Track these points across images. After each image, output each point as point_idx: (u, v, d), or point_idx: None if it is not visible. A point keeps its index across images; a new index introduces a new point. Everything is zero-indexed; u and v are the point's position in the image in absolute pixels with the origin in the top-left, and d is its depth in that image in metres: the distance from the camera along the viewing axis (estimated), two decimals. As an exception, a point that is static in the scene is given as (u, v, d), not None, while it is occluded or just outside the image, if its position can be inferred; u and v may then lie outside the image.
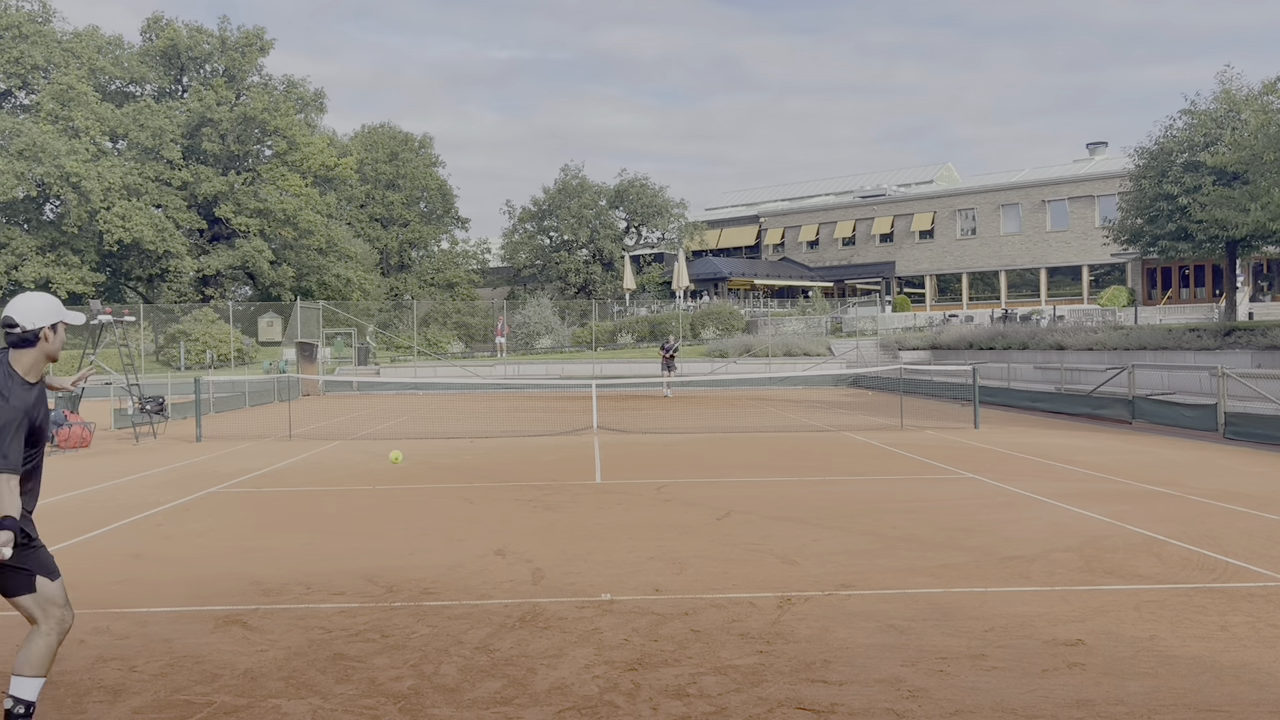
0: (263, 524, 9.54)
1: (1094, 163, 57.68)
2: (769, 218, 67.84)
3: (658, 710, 4.50)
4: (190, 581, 7.09)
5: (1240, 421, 16.06)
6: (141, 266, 51.74)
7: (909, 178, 70.57)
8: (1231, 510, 9.49)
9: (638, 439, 17.55)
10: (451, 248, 70.20)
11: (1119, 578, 6.89)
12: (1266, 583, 6.68)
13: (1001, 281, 57.23)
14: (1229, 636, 5.50)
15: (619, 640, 5.56)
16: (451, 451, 15.92)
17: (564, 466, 13.68)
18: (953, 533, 8.59)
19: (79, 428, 16.89)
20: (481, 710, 4.53)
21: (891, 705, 4.54)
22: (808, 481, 11.98)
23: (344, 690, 4.81)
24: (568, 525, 9.19)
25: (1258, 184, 26.98)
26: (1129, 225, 36.18)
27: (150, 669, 5.15)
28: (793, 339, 43.38)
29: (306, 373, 37.00)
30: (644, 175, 72.42)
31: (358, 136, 67.24)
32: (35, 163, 45.53)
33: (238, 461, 14.82)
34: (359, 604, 6.41)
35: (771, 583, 6.85)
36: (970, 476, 12.16)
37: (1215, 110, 32.80)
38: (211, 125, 52.09)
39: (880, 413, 22.84)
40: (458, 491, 11.47)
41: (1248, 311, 39.99)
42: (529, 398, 32.82)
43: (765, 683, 4.86)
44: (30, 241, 47.65)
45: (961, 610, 6.09)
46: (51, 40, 51.49)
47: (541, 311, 51.11)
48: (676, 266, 52.18)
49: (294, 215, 52.00)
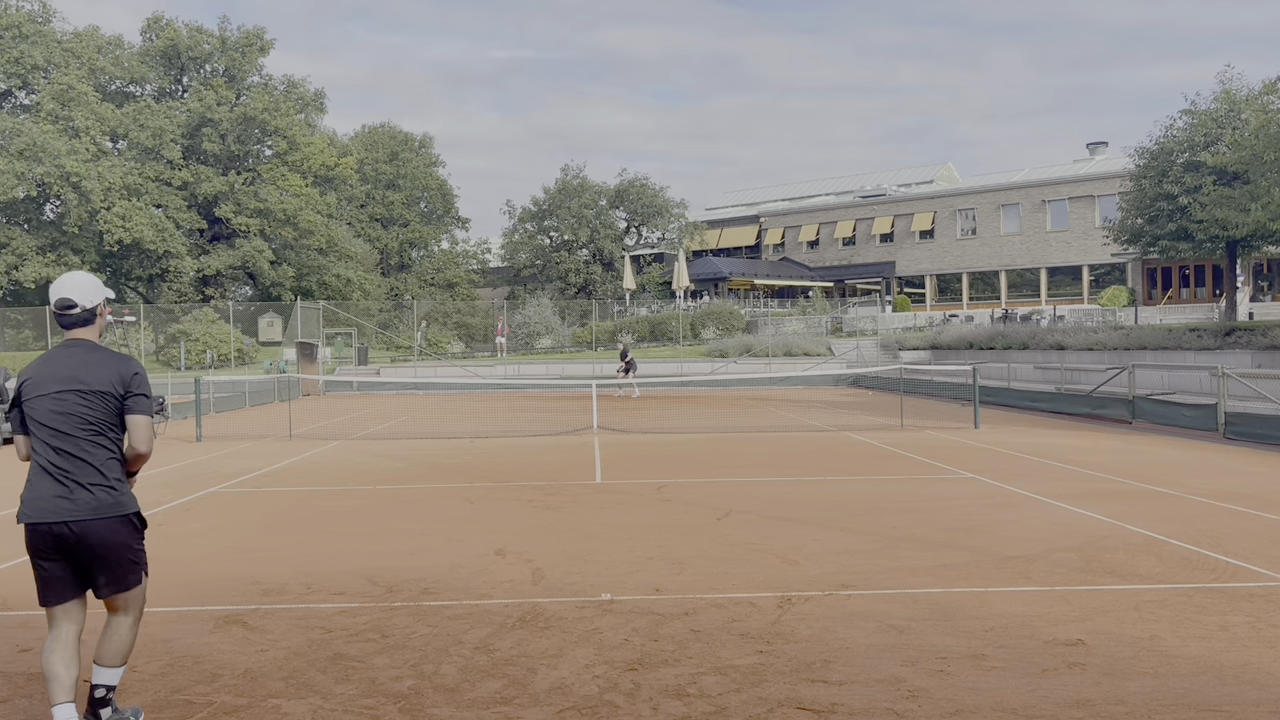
0: (263, 524, 9.54)
1: (1094, 163, 57.69)
2: (769, 218, 67.85)
3: (658, 710, 4.50)
4: (190, 581, 7.09)
5: (1240, 421, 16.05)
6: (142, 266, 51.73)
7: (909, 178, 70.57)
8: (1231, 510, 9.49)
9: (638, 439, 17.55)
10: (452, 248, 70.22)
11: (1119, 578, 6.89)
12: (1266, 583, 6.68)
13: (1002, 281, 57.22)
14: (1229, 636, 5.50)
15: (619, 640, 5.55)
16: (451, 451, 15.92)
17: (564, 466, 13.68)
18: (953, 533, 8.59)
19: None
20: (481, 710, 4.53)
21: (891, 705, 4.54)
22: (808, 481, 11.98)
23: (344, 690, 4.81)
24: (568, 525, 9.18)
25: (1258, 184, 26.99)
26: (1129, 225, 36.19)
27: (150, 669, 5.15)
28: (793, 339, 43.38)
29: (306, 373, 36.99)
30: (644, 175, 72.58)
31: (358, 136, 67.27)
32: (35, 163, 45.53)
33: (238, 461, 14.82)
34: (359, 604, 6.41)
35: (771, 583, 6.85)
36: (970, 476, 12.15)
37: (1216, 110, 32.80)
38: (212, 125, 52.09)
39: (880, 413, 22.84)
40: (458, 491, 11.47)
41: (1248, 311, 39.99)
42: (529, 398, 32.81)
43: (765, 683, 4.86)
44: (30, 241, 47.65)
45: (961, 610, 6.09)
46: (51, 40, 51.48)
47: (542, 311, 51.11)
48: (676, 266, 52.18)
49: (294, 215, 52.00)
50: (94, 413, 4.02)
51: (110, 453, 4.08)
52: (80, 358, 4.08)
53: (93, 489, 4.00)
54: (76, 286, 4.14)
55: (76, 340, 4.15)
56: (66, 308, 4.12)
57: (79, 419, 4.00)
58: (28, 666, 5.22)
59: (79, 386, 4.01)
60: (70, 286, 4.14)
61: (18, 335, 52.25)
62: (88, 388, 4.02)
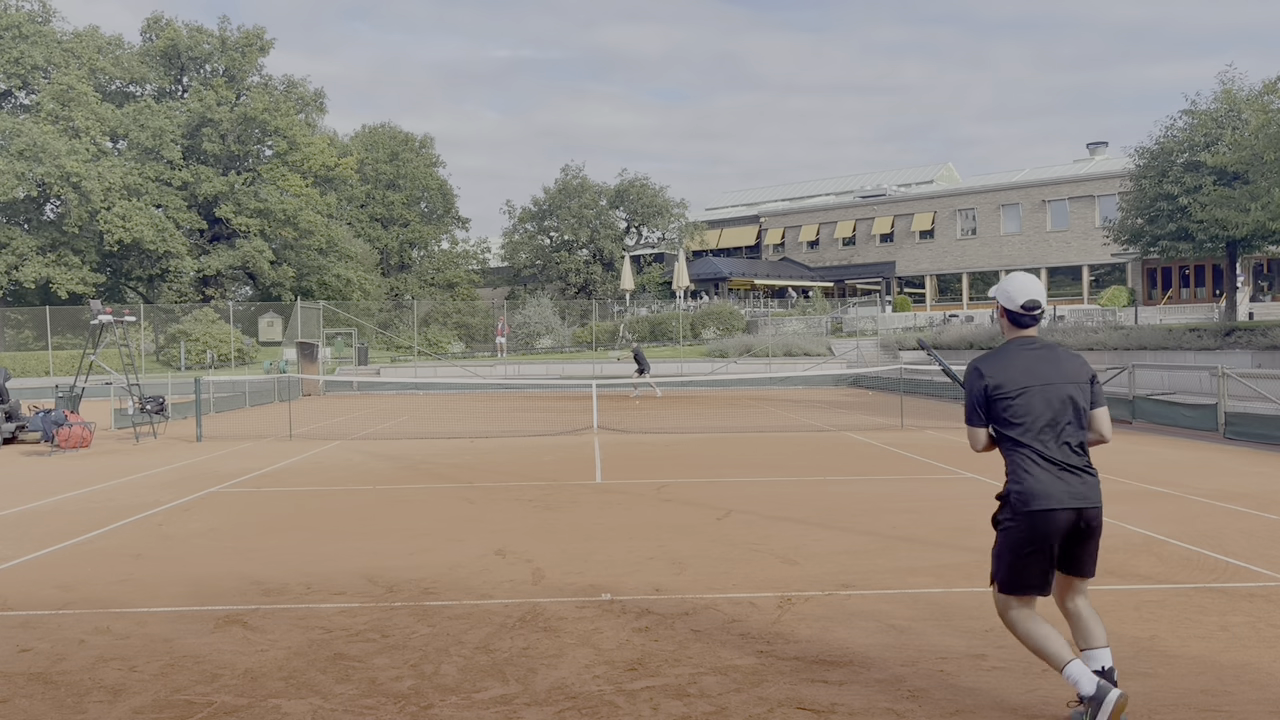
0: (263, 524, 9.54)
1: (1094, 163, 57.69)
2: (769, 218, 67.84)
3: (658, 710, 4.50)
4: (190, 581, 7.09)
5: (1240, 421, 16.05)
6: (142, 266, 51.74)
7: (909, 178, 70.58)
8: (1231, 510, 9.49)
9: (638, 439, 17.55)
10: (452, 248, 70.20)
11: (1119, 578, 6.89)
12: (1267, 583, 6.68)
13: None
14: (1229, 636, 5.50)
15: (619, 640, 5.56)
16: (451, 451, 15.92)
17: (564, 466, 13.68)
18: (953, 533, 8.59)
19: (79, 428, 16.89)
20: (481, 710, 4.53)
21: (891, 705, 4.54)
22: (808, 481, 11.98)
23: (344, 690, 4.81)
24: (568, 525, 9.18)
25: (1258, 184, 26.98)
26: (1129, 225, 36.17)
27: (150, 669, 5.15)
28: (793, 339, 43.37)
29: (307, 373, 36.99)
30: (644, 175, 72.56)
31: (358, 136, 67.26)
32: (35, 163, 45.53)
33: (238, 461, 14.82)
34: (359, 604, 6.41)
35: (771, 583, 6.85)
36: (970, 476, 12.15)
37: (1216, 110, 32.79)
38: (212, 125, 52.09)
39: (880, 413, 22.84)
40: (458, 491, 11.47)
41: (1248, 311, 39.98)
42: (529, 398, 32.82)
43: (765, 683, 4.86)
44: (30, 241, 47.65)
45: (961, 610, 6.09)
46: (51, 40, 51.48)
47: (542, 311, 51.11)
48: (677, 266, 52.17)
49: (294, 215, 52.00)
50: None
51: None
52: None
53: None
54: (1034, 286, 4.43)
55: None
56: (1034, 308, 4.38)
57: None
58: (28, 666, 5.22)
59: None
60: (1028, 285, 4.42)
61: (18, 335, 52.26)
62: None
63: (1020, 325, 4.36)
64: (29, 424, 17.97)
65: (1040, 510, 4.12)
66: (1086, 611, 4.35)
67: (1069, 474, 4.16)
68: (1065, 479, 4.15)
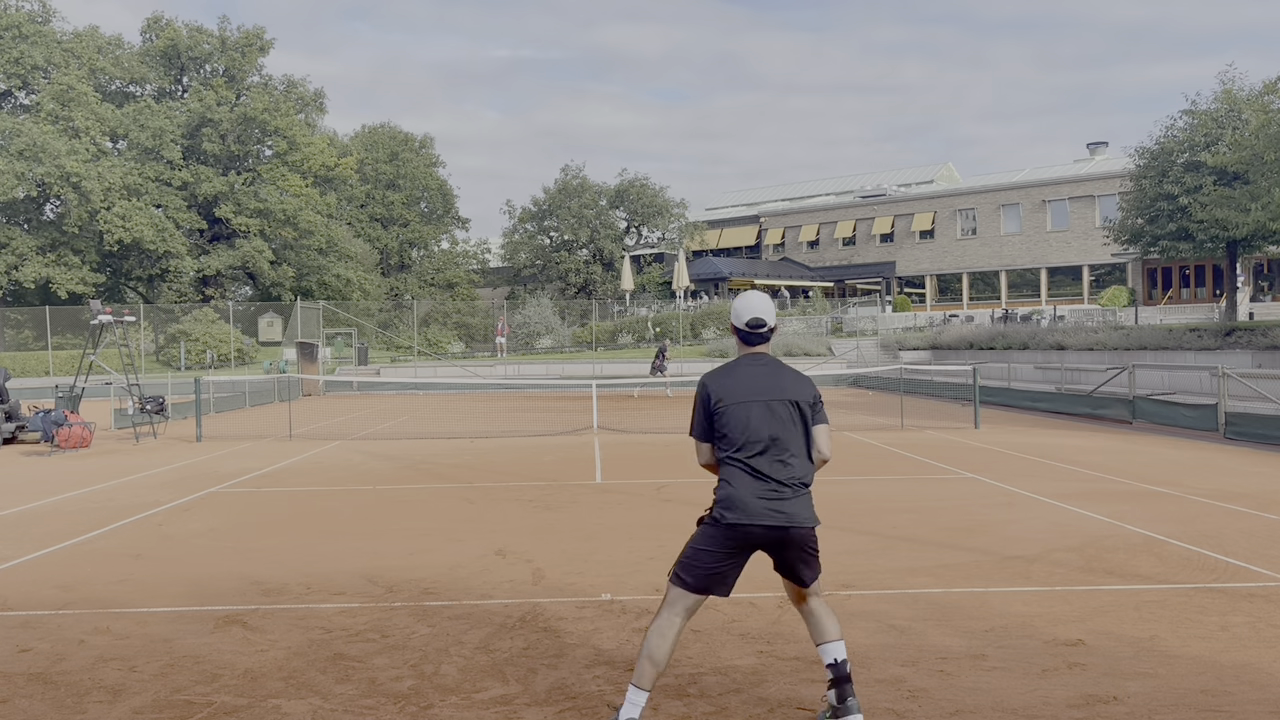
0: (263, 524, 9.54)
1: (1094, 163, 57.68)
2: (769, 218, 67.84)
3: (658, 710, 4.50)
4: (190, 581, 7.09)
5: (1240, 421, 16.05)
6: (142, 266, 51.75)
7: (909, 178, 70.57)
8: (1231, 510, 9.48)
9: (638, 439, 17.54)
10: (452, 248, 70.19)
11: (1119, 578, 6.89)
12: (1267, 583, 6.68)
13: (1002, 281, 57.23)
14: (1229, 636, 5.50)
15: (619, 640, 5.55)
16: (451, 451, 15.92)
17: (564, 466, 13.67)
18: (953, 533, 8.59)
19: (79, 428, 16.89)
20: (481, 710, 4.53)
21: (891, 705, 4.54)
22: (808, 481, 11.96)
23: (344, 690, 4.81)
24: (568, 525, 9.18)
25: (1258, 184, 26.98)
26: (1129, 225, 36.17)
27: (150, 669, 5.15)
28: (793, 339, 43.37)
29: (307, 373, 37.00)
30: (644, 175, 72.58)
31: (358, 136, 67.24)
32: (35, 163, 45.54)
33: (238, 461, 14.82)
34: (359, 604, 6.41)
35: (772, 583, 6.82)
36: (970, 476, 12.15)
37: (1216, 110, 32.79)
38: (212, 125, 52.09)
39: (880, 413, 22.84)
40: (458, 491, 11.47)
41: (1248, 311, 39.99)
42: (529, 398, 32.81)
43: (765, 683, 4.86)
44: (30, 241, 47.66)
45: (961, 610, 6.09)
46: (51, 40, 51.49)
47: (542, 311, 51.11)
48: (676, 266, 52.18)
49: (294, 215, 52.00)
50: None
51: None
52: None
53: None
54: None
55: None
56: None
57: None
58: (27, 666, 5.22)
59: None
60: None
61: (18, 335, 52.26)
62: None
63: (747, 342, 4.40)
64: (29, 424, 17.98)
65: (736, 524, 4.18)
66: (820, 610, 4.43)
67: (778, 490, 4.18)
68: (769, 496, 4.17)
